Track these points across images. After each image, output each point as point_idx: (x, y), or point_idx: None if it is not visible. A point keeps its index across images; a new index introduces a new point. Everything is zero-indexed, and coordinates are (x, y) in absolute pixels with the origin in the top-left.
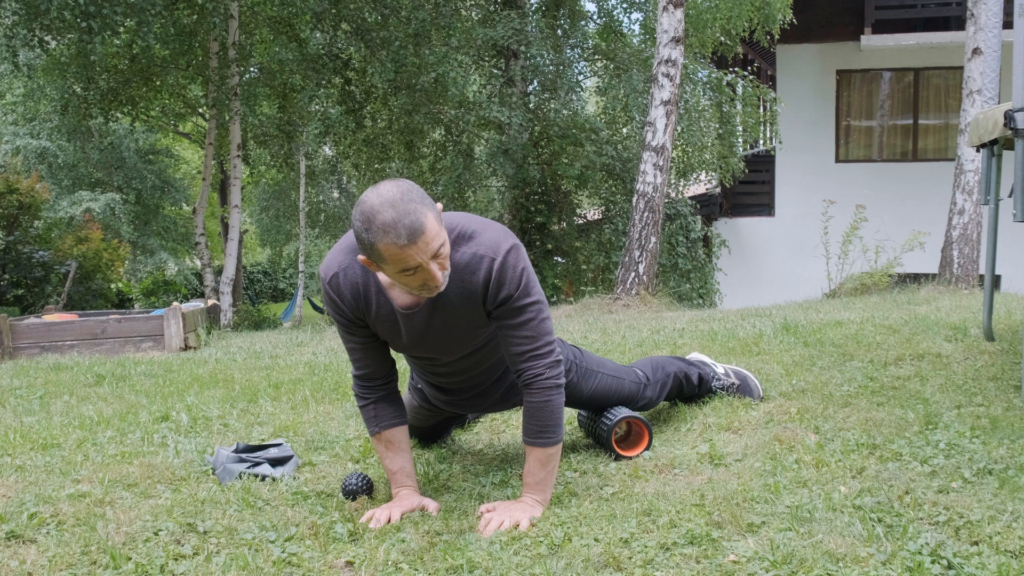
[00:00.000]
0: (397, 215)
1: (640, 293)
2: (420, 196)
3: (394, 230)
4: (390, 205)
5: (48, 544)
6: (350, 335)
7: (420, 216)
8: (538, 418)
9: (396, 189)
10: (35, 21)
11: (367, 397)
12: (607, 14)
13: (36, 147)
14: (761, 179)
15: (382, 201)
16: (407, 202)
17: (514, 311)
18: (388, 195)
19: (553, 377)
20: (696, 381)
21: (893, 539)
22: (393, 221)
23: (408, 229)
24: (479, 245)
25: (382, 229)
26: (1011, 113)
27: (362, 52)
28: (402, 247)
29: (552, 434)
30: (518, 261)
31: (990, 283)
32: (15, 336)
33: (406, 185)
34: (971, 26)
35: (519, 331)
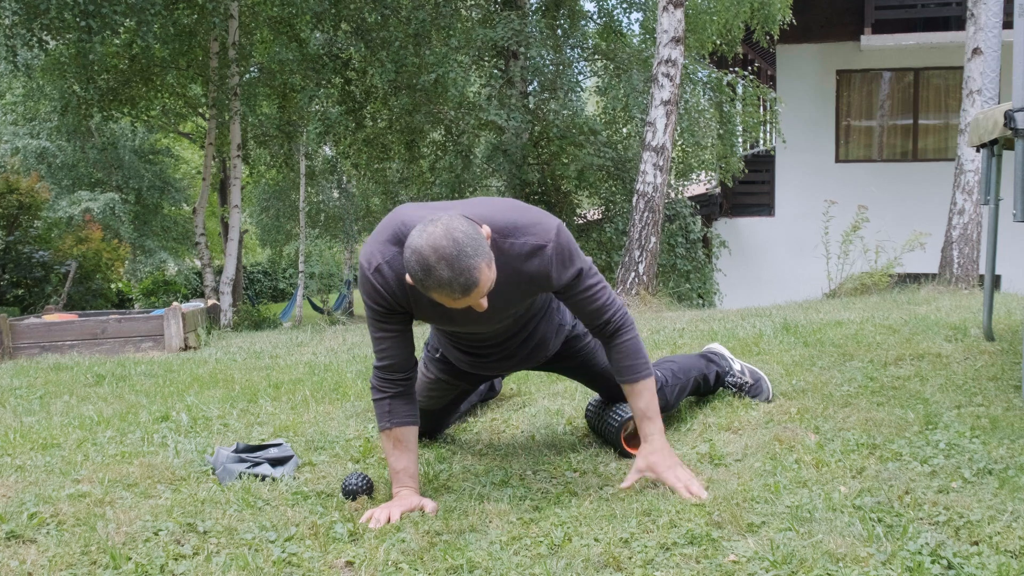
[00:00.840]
0: (452, 274)
1: (640, 293)
2: (475, 246)
3: (448, 287)
4: (446, 263)
5: (48, 544)
6: (384, 323)
7: (475, 273)
8: (638, 353)
9: (451, 243)
10: (35, 21)
11: (385, 391)
12: (607, 14)
13: (36, 147)
14: (761, 179)
15: (438, 257)
16: (462, 259)
17: (577, 282)
18: (444, 250)
19: (629, 315)
20: (713, 380)
21: (893, 539)
22: (449, 280)
23: (463, 288)
24: (529, 234)
25: (437, 284)
26: (1011, 113)
27: (362, 52)
28: (455, 300)
29: (649, 365)
30: (568, 240)
31: (990, 283)
32: (15, 336)
33: (460, 233)
34: (971, 26)
35: (587, 295)
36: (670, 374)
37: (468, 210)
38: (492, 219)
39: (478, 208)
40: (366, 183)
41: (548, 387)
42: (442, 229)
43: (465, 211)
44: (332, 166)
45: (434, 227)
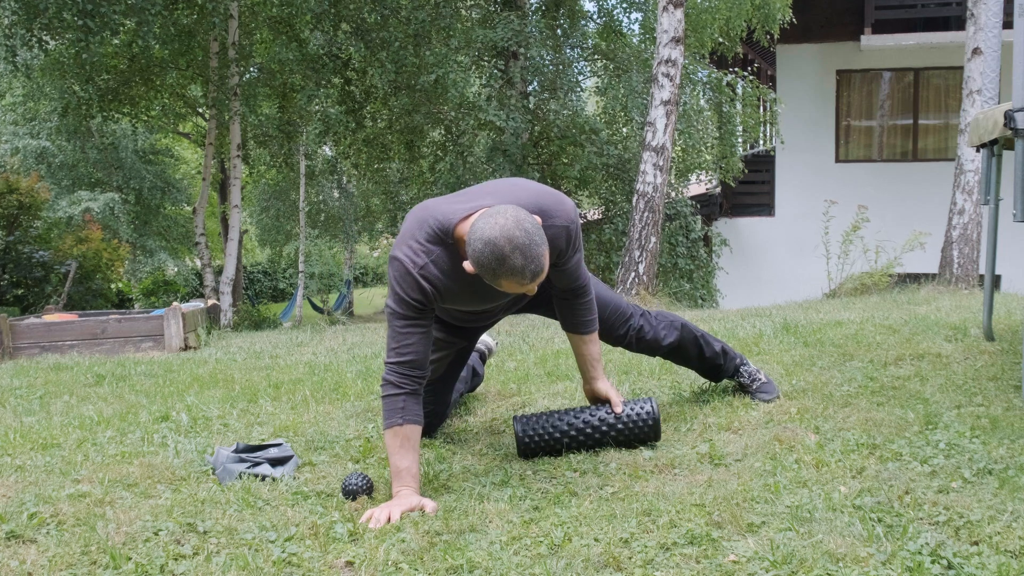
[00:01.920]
0: (526, 262)
1: (640, 293)
2: (540, 235)
3: (521, 274)
4: (521, 253)
5: (48, 544)
6: (417, 319)
7: (543, 260)
8: (593, 310)
9: (524, 234)
10: (34, 21)
11: (402, 387)
12: (607, 14)
13: (35, 147)
14: (761, 179)
15: (513, 247)
16: (533, 247)
17: (574, 256)
18: (518, 240)
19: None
20: (719, 351)
21: (893, 539)
22: (522, 267)
23: (533, 274)
24: (556, 216)
25: (511, 271)
26: (1011, 113)
27: (362, 52)
28: (523, 284)
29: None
30: (579, 220)
31: (990, 283)
32: (15, 336)
33: (529, 223)
34: (971, 26)
35: (573, 264)
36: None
37: (497, 199)
38: (524, 205)
39: (505, 195)
40: (366, 183)
41: (548, 387)
42: (512, 221)
43: (497, 200)
44: (332, 166)
45: (504, 219)
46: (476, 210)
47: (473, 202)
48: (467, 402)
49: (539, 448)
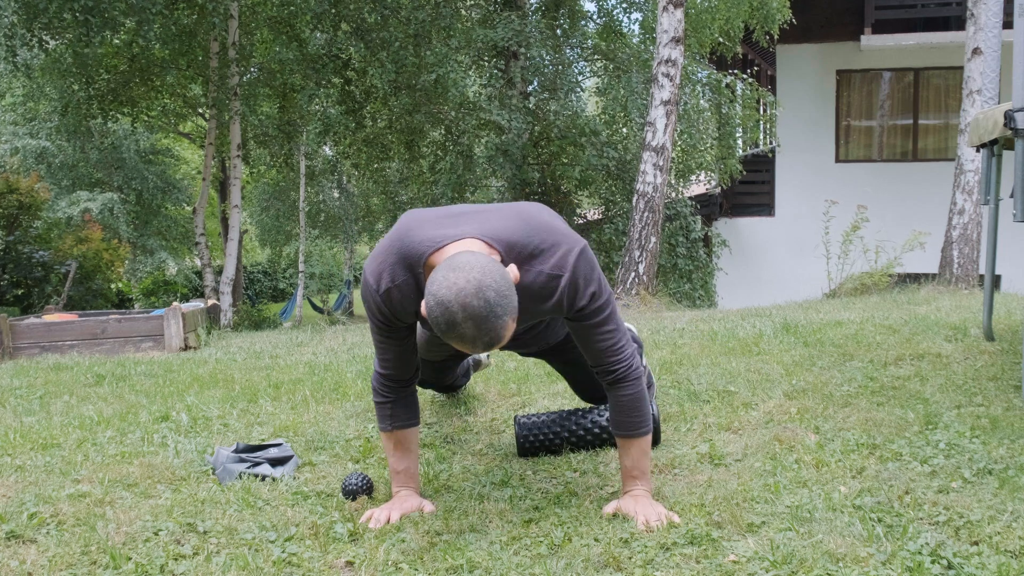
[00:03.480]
0: (477, 333)
1: (640, 293)
2: (504, 304)
3: (471, 344)
4: (473, 323)
5: (48, 544)
6: (388, 337)
7: (501, 332)
8: (636, 409)
9: (482, 304)
10: (34, 21)
11: (387, 396)
12: (607, 14)
13: (35, 147)
14: (761, 179)
15: (466, 316)
16: (491, 319)
17: (591, 314)
18: (473, 310)
19: (637, 368)
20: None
21: (893, 539)
22: (472, 338)
23: (486, 345)
24: (547, 262)
25: (459, 339)
26: (1011, 113)
27: (362, 52)
28: (475, 351)
29: (645, 423)
30: (587, 268)
31: (990, 283)
32: (15, 336)
33: (492, 291)
34: (971, 26)
35: (601, 327)
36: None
37: (485, 227)
38: (511, 241)
39: (495, 224)
40: (366, 183)
41: (548, 387)
42: (475, 283)
43: (483, 228)
44: (332, 166)
45: (465, 278)
46: (457, 239)
47: (458, 227)
48: (467, 402)
49: (539, 448)
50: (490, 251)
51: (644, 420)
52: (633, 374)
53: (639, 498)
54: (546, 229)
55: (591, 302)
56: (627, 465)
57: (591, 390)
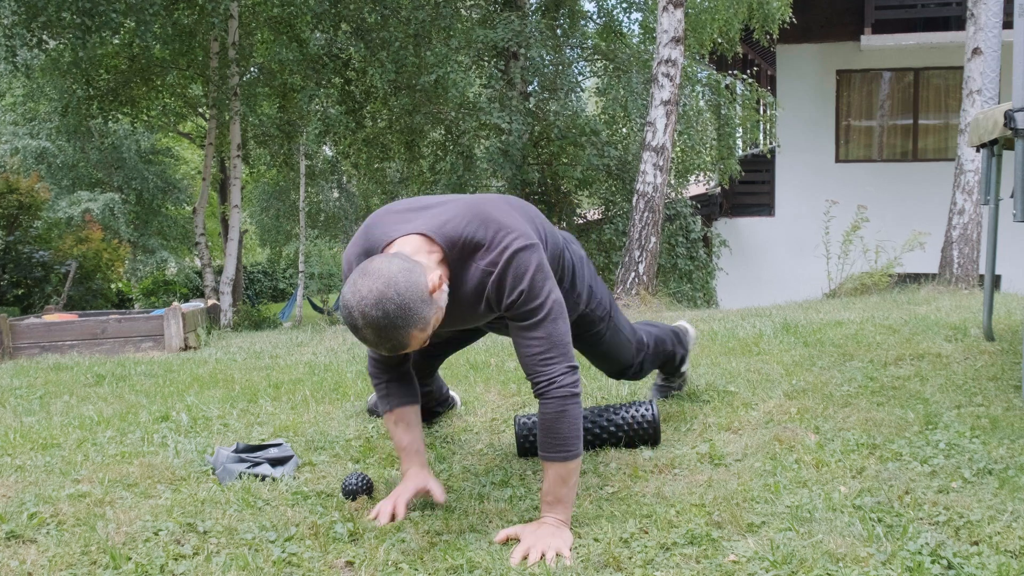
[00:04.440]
0: (378, 340)
1: (640, 293)
2: (406, 316)
3: (374, 347)
4: (373, 331)
5: (48, 544)
6: None
7: (403, 340)
8: (555, 431)
9: (381, 315)
10: (34, 21)
11: (380, 377)
12: (607, 14)
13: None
14: (761, 179)
15: (365, 323)
16: (390, 329)
17: (519, 316)
18: (372, 319)
19: (568, 384)
20: (677, 363)
21: (893, 539)
22: (374, 343)
23: (389, 351)
24: (486, 257)
25: (363, 341)
26: (1011, 113)
27: (362, 52)
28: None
29: (572, 447)
30: (521, 267)
31: (990, 283)
32: (15, 336)
33: (392, 304)
34: (971, 26)
35: (529, 332)
36: (653, 341)
37: (435, 222)
38: (456, 236)
39: (446, 218)
40: (366, 183)
41: None
42: (375, 295)
43: (431, 223)
44: (332, 166)
45: (368, 288)
46: (404, 235)
47: (411, 223)
48: (467, 402)
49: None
50: (431, 247)
51: (561, 444)
52: (554, 391)
53: (542, 526)
54: (494, 224)
55: (519, 302)
56: (543, 489)
57: (608, 368)
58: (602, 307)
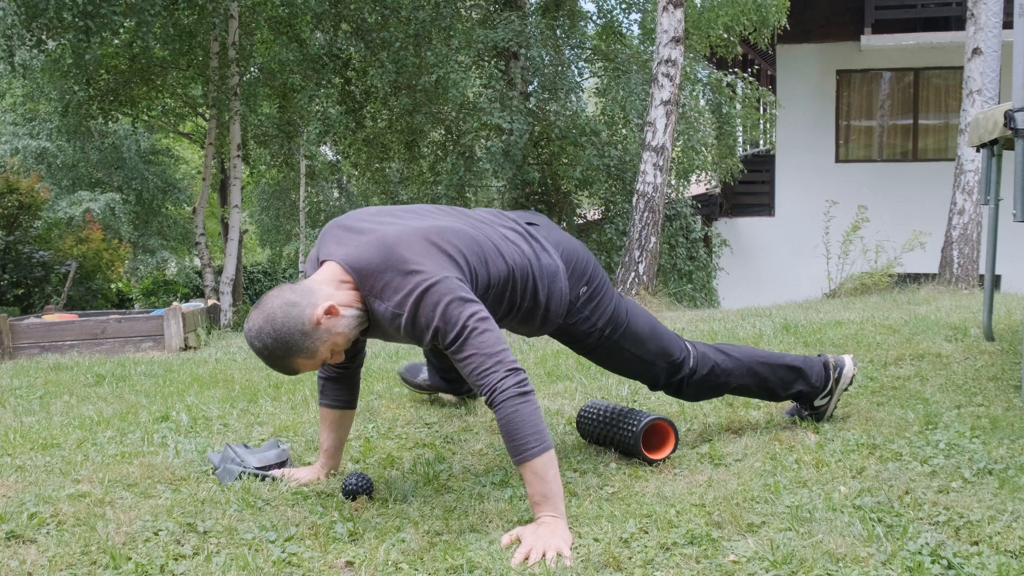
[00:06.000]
0: (268, 365)
1: (640, 293)
2: (285, 347)
3: (273, 370)
4: (260, 357)
5: (48, 544)
6: None
7: (288, 367)
8: (514, 434)
9: (262, 346)
10: (34, 21)
11: (322, 373)
12: (606, 14)
13: (35, 147)
14: (761, 179)
15: (254, 350)
16: (272, 359)
17: (448, 344)
18: (256, 348)
19: (512, 386)
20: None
21: (893, 539)
22: (270, 368)
23: (284, 374)
24: (391, 300)
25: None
26: (1011, 113)
27: (362, 52)
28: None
29: (535, 443)
30: (428, 308)
31: (990, 283)
32: (15, 336)
33: (269, 337)
34: (971, 26)
35: (459, 355)
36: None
37: (351, 253)
38: (365, 272)
39: (360, 252)
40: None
41: (548, 387)
42: (257, 328)
43: (348, 255)
44: (332, 166)
45: (253, 321)
46: (326, 260)
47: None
48: (467, 402)
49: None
50: (345, 277)
51: (523, 444)
52: (499, 398)
53: (541, 525)
54: (400, 265)
55: (438, 336)
56: (527, 493)
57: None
58: (591, 323)
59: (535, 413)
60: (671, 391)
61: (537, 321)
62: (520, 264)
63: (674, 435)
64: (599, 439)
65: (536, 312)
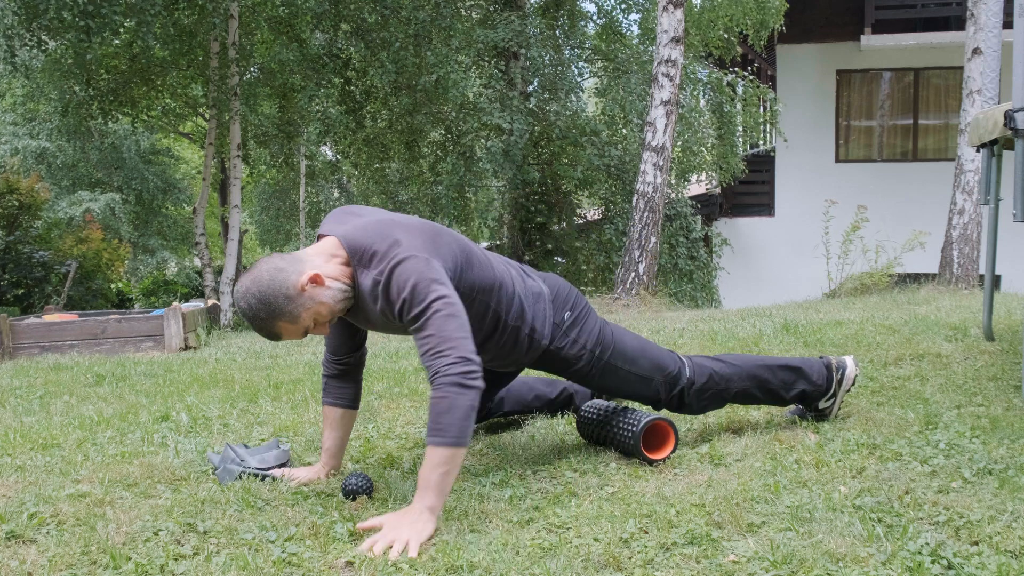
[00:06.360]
0: (255, 327)
1: (640, 293)
2: (269, 309)
3: (258, 334)
4: (247, 319)
5: (48, 544)
6: None
7: (273, 330)
8: (435, 415)
9: (247, 306)
10: (34, 21)
11: (325, 370)
12: (606, 15)
13: (35, 148)
14: (761, 179)
15: (241, 311)
16: (256, 320)
17: (412, 319)
18: (242, 308)
19: (454, 374)
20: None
21: (893, 539)
22: (256, 330)
23: (268, 339)
24: (376, 267)
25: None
26: (1011, 113)
27: (362, 52)
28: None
29: (445, 434)
30: (403, 277)
31: (990, 283)
32: (15, 336)
33: (254, 298)
34: (971, 26)
35: (419, 334)
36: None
37: (349, 229)
38: (358, 246)
39: (358, 227)
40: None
41: None
42: (243, 289)
43: (347, 231)
44: (332, 166)
45: (241, 283)
46: (324, 236)
47: (338, 226)
48: None
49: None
50: (337, 251)
51: (441, 429)
52: (440, 379)
53: (407, 513)
54: (391, 239)
55: (404, 309)
56: (420, 472)
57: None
58: (579, 345)
59: (467, 409)
60: (674, 406)
61: (524, 344)
62: (507, 281)
63: (674, 435)
64: (599, 439)
65: (522, 331)
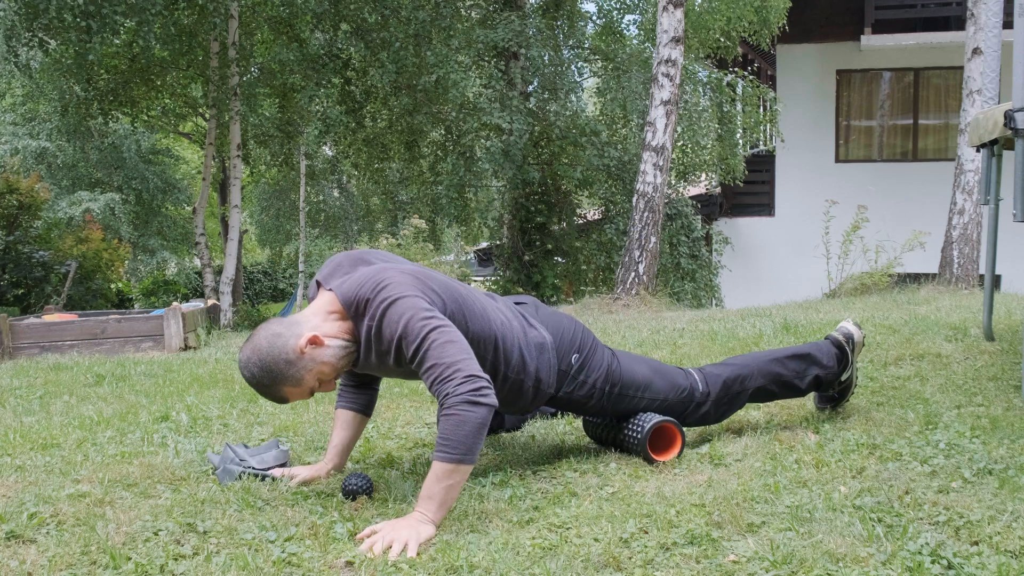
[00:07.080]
0: (258, 394)
1: (640, 293)
2: (272, 376)
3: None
4: (251, 387)
5: (48, 544)
6: None
7: (275, 396)
8: (449, 433)
9: (250, 376)
10: (35, 21)
11: (343, 380)
12: (606, 15)
13: (35, 147)
14: (761, 179)
15: (245, 380)
16: (260, 388)
17: (411, 356)
18: (244, 376)
19: (463, 393)
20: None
21: (893, 539)
22: (261, 396)
23: (276, 403)
24: (367, 315)
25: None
26: (1011, 113)
27: (362, 52)
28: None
29: (453, 450)
30: (392, 319)
31: (990, 283)
32: (15, 336)
33: (256, 367)
34: (971, 26)
35: (422, 368)
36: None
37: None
38: (351, 299)
39: (352, 281)
40: (366, 183)
41: None
42: (244, 358)
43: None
44: (332, 166)
45: (243, 352)
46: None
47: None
48: None
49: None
50: (334, 306)
51: (448, 445)
52: (448, 402)
53: (407, 518)
54: (378, 283)
55: (402, 347)
56: (424, 484)
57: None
58: (588, 386)
59: (477, 426)
60: (695, 421)
61: (529, 394)
62: (507, 335)
63: (680, 437)
64: (606, 440)
65: (525, 383)
